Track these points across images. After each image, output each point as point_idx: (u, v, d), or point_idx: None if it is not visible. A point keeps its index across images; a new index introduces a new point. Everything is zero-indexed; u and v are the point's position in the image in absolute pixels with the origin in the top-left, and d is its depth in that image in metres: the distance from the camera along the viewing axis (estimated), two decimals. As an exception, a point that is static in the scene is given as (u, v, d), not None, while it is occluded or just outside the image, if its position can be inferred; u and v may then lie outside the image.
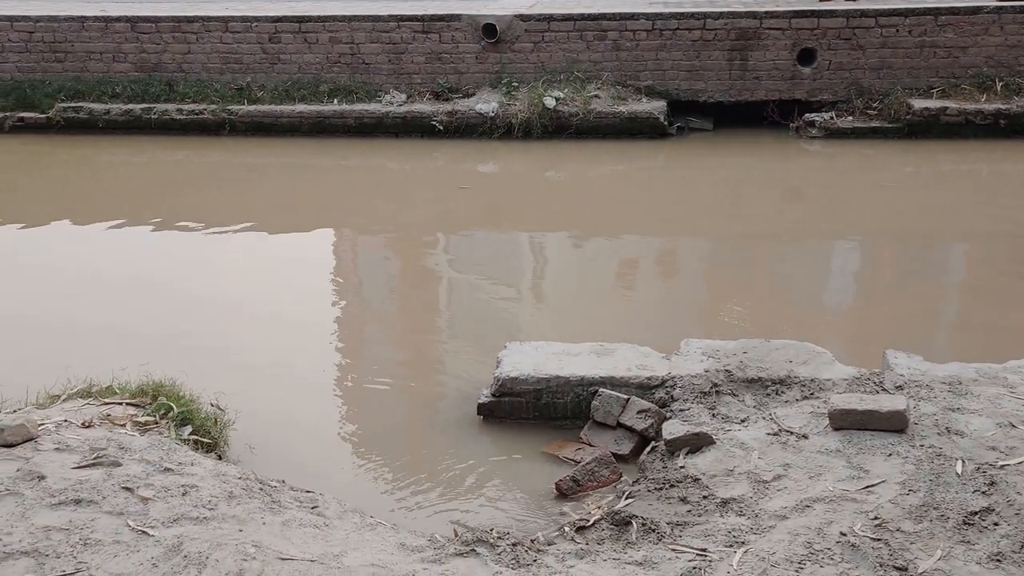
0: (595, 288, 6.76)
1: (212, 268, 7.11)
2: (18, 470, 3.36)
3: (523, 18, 10.59)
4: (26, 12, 11.31)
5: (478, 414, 4.55)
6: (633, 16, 10.43)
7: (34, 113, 10.84)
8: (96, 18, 11.11)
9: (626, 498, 3.70)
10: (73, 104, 10.83)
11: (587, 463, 3.98)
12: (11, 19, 11.14)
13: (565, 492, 3.90)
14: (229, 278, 6.83)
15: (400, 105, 10.60)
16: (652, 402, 4.30)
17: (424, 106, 10.58)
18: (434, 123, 10.37)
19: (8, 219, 8.21)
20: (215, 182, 9.62)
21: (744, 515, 3.33)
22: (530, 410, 4.48)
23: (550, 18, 10.56)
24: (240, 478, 3.51)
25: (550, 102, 10.24)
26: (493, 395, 4.53)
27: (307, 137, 10.54)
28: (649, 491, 3.71)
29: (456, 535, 3.44)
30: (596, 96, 10.32)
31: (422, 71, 10.85)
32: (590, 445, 4.27)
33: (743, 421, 4.03)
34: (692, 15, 10.38)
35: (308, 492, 3.56)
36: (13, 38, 11.18)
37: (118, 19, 11.07)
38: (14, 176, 9.75)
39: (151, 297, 6.31)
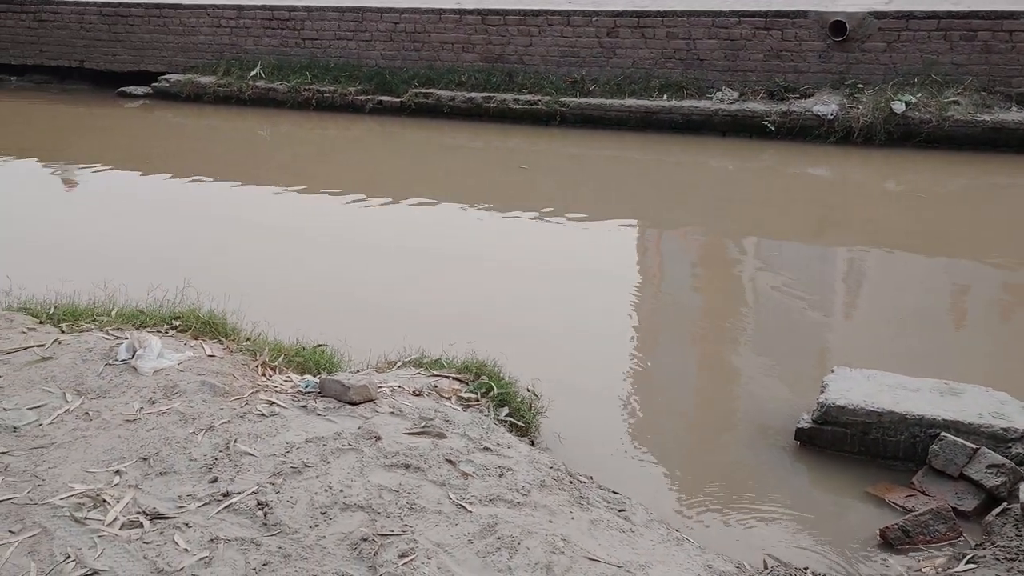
0: (927, 318, 6.03)
1: (529, 252, 7.33)
2: (359, 428, 3.65)
3: (878, 15, 9.79)
4: (393, 4, 12.43)
5: (795, 439, 4.27)
6: (1012, 15, 9.24)
7: (390, 97, 11.90)
8: (452, 11, 11.94)
9: (967, 562, 3.27)
10: (424, 90, 11.74)
11: (921, 514, 3.56)
12: (381, 11, 12.31)
13: (891, 541, 3.53)
14: (542, 265, 6.95)
15: (731, 103, 10.29)
16: (1007, 457, 3.76)
17: (757, 105, 10.17)
18: (765, 123, 9.94)
19: (361, 192, 9.09)
20: (539, 169, 9.92)
21: (1126, 613, 2.80)
22: (855, 443, 4.12)
23: (909, 15, 9.67)
24: (552, 468, 3.55)
25: (899, 107, 9.40)
26: (814, 421, 4.22)
27: (633, 132, 10.55)
28: (997, 559, 3.25)
29: (766, 567, 3.23)
30: (955, 102, 9.31)
31: (758, 69, 10.44)
32: (924, 493, 3.83)
33: None
34: (1089, 13, 9.02)
35: (615, 493, 3.52)
36: (381, 28, 12.34)
37: (471, 12, 11.82)
38: (378, 150, 10.84)
39: (480, 278, 6.66)
